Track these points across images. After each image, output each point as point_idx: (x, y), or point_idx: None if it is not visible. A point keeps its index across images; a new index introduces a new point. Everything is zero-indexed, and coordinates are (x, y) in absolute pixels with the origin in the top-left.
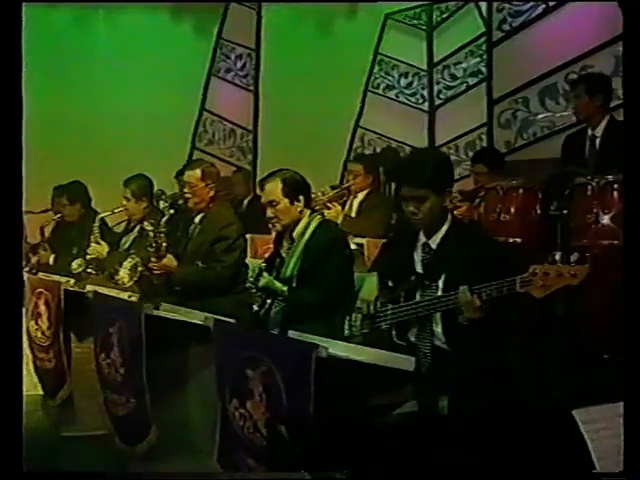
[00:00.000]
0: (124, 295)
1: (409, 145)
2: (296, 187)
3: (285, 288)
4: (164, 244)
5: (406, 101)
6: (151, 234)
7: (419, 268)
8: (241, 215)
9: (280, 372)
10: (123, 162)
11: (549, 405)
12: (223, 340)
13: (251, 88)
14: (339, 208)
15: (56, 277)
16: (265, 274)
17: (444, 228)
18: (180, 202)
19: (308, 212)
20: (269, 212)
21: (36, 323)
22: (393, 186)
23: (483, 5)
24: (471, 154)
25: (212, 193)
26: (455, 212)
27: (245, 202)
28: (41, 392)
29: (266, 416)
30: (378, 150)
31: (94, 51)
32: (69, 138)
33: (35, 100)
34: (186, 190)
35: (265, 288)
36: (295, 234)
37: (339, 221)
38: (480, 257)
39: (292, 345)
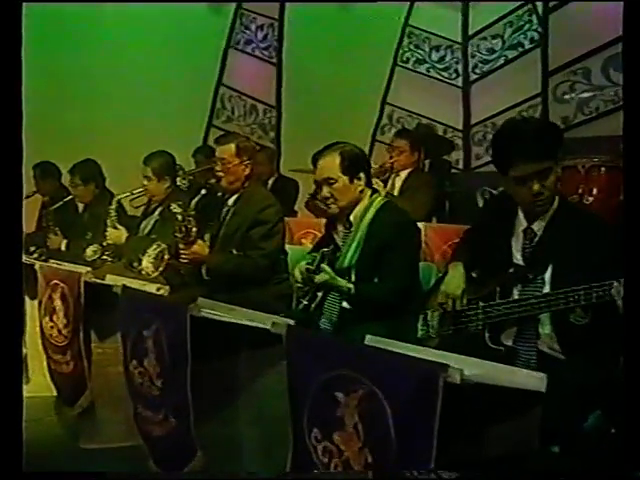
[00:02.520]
0: (151, 287)
1: (441, 123)
2: (356, 162)
3: (351, 285)
4: (194, 229)
5: (438, 76)
6: (179, 217)
7: (519, 258)
8: None
9: (387, 398)
10: (136, 141)
11: None
12: (300, 352)
13: (274, 61)
14: (381, 185)
15: (75, 267)
16: (327, 268)
17: (551, 210)
18: (212, 181)
19: (369, 192)
20: (325, 191)
21: (51, 319)
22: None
23: None
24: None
25: (248, 171)
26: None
27: (270, 183)
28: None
29: (364, 453)
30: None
31: (105, 23)
32: (76, 116)
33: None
34: (218, 168)
35: (324, 284)
36: (353, 217)
37: None
38: (595, 245)
39: (404, 363)
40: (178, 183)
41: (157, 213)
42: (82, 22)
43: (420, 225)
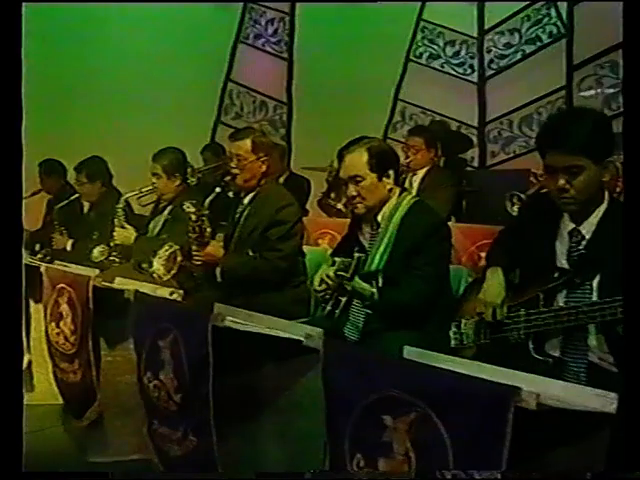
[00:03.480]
0: (163, 292)
1: (455, 120)
2: (385, 159)
3: (374, 290)
4: (208, 229)
5: (452, 71)
6: (193, 217)
7: (564, 262)
8: None
9: (444, 423)
10: (141, 138)
11: None
12: (340, 368)
13: (284, 55)
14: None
15: (83, 269)
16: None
17: (601, 210)
18: (227, 179)
19: (397, 190)
20: (351, 190)
21: (57, 326)
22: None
23: None
24: (527, 130)
25: (264, 168)
26: None
27: (281, 181)
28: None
29: None
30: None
31: (111, 19)
32: (81, 113)
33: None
34: (233, 164)
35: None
36: (381, 218)
37: None
38: None
39: (464, 384)
40: (189, 182)
41: (167, 212)
42: (88, 18)
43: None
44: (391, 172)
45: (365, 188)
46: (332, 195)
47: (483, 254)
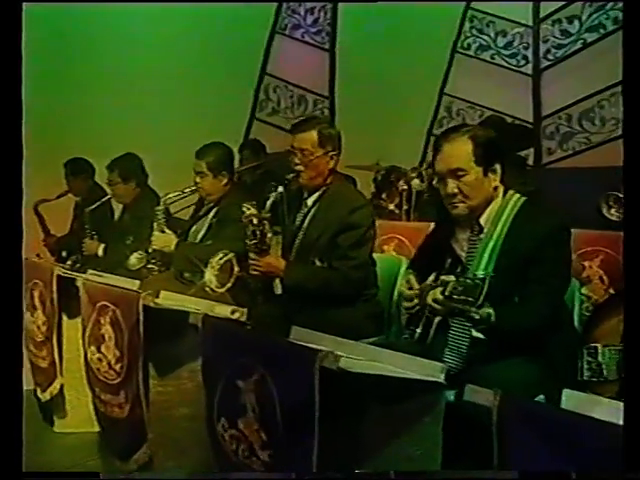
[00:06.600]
0: (222, 310)
1: (508, 115)
2: (491, 150)
3: (491, 310)
4: (269, 234)
5: (504, 63)
6: (255, 220)
7: None
8: None
9: None
10: (172, 136)
11: None
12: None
13: (326, 46)
14: None
15: (130, 282)
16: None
17: None
18: (290, 177)
19: (502, 189)
20: (450, 186)
21: (98, 350)
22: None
23: None
24: (588, 125)
25: (332, 164)
26: None
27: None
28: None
29: None
30: (468, 122)
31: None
32: (111, 111)
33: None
34: (297, 160)
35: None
36: (485, 220)
37: None
38: None
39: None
40: None
41: (212, 215)
42: (119, 15)
43: None
44: (498, 166)
45: (468, 184)
46: (383, 195)
47: (587, 263)
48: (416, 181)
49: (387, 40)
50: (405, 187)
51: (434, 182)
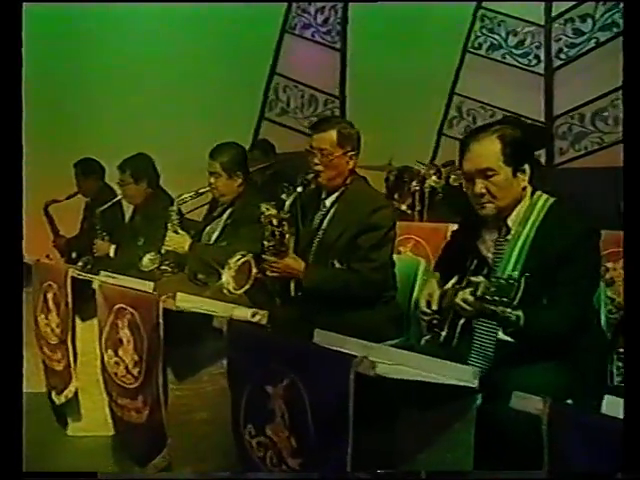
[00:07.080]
0: (242, 312)
1: (520, 115)
2: (521, 150)
3: (520, 313)
4: (287, 235)
5: (515, 63)
6: (275, 221)
7: None
8: None
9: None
10: (180, 137)
11: None
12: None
13: (336, 46)
14: None
15: (139, 283)
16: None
17: None
18: (309, 177)
19: (530, 189)
20: (479, 187)
21: (115, 354)
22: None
23: None
24: (601, 125)
25: (352, 164)
26: None
27: None
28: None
29: None
30: (479, 122)
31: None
32: (119, 110)
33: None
34: (317, 160)
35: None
36: (512, 221)
37: None
38: None
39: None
40: None
41: (226, 216)
42: (124, 15)
43: None
44: (527, 167)
45: (497, 185)
46: (395, 196)
47: (610, 265)
48: (433, 178)
49: (398, 39)
50: (417, 188)
51: (450, 180)
